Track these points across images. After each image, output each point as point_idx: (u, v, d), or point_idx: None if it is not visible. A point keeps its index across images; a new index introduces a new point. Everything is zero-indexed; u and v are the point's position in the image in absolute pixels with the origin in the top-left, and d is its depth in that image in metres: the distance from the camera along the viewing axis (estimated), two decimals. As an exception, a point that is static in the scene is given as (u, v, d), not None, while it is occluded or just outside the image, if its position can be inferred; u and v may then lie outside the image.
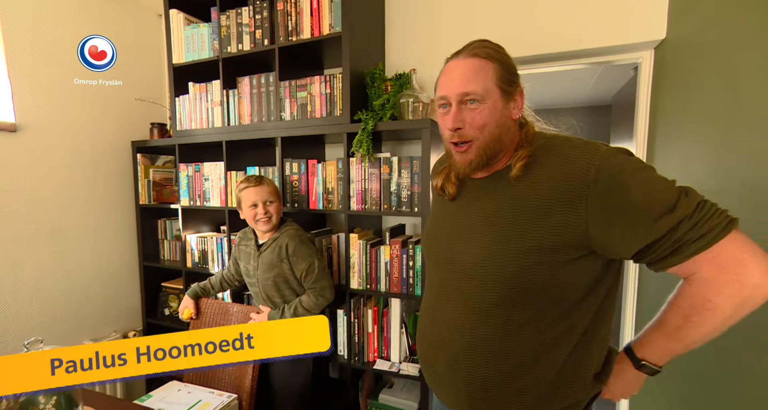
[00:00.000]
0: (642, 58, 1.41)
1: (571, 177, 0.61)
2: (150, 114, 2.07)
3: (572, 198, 0.60)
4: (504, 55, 0.68)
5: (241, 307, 1.50)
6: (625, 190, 0.58)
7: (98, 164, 1.88)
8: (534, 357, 0.65)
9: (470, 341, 0.68)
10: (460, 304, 0.70)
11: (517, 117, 0.70)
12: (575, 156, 0.62)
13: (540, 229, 0.62)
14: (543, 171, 0.64)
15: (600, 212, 0.59)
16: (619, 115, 2.14)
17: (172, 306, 2.01)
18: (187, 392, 1.27)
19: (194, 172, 1.81)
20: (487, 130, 0.67)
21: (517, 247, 0.63)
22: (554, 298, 0.64)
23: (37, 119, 1.64)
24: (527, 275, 0.63)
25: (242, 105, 1.67)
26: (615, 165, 0.59)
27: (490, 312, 0.66)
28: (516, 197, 0.66)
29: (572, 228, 0.60)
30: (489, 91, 0.66)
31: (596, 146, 0.63)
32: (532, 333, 0.65)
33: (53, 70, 1.68)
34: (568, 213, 0.60)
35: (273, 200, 1.36)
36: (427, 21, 1.63)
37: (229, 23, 1.64)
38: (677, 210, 0.56)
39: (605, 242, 0.60)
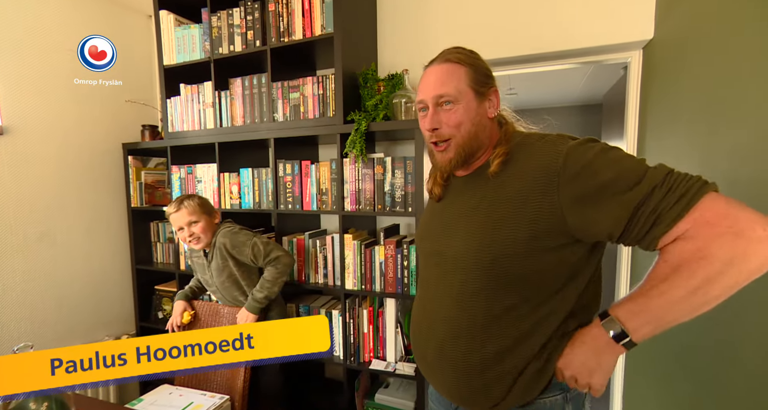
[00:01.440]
0: (631, 57, 1.43)
1: (541, 167, 0.64)
2: (141, 116, 2.05)
3: (544, 186, 0.63)
4: (476, 59, 0.74)
5: (232, 309, 1.50)
6: (593, 171, 0.60)
7: (88, 167, 1.86)
8: (514, 342, 0.67)
9: (454, 329, 0.71)
10: (446, 295, 0.74)
11: (493, 115, 0.74)
12: (546, 148, 0.66)
13: (516, 219, 0.65)
14: (518, 165, 0.68)
15: (572, 196, 0.61)
16: (609, 114, 2.17)
17: (165, 309, 1.99)
18: (178, 395, 1.26)
19: (187, 174, 1.80)
20: (464, 128, 0.72)
21: (495, 237, 0.66)
22: (533, 286, 0.66)
23: (25, 122, 1.62)
24: (505, 263, 0.65)
25: (234, 106, 1.66)
26: (582, 151, 0.63)
27: (471, 300, 0.69)
28: (494, 190, 0.70)
29: (547, 215, 0.63)
30: (462, 92, 0.71)
31: (565, 139, 0.67)
32: (512, 321, 0.67)
33: (42, 73, 1.66)
34: (541, 201, 0.63)
35: (196, 220, 1.37)
36: (419, 22, 1.63)
37: (220, 24, 1.63)
38: (645, 179, 0.57)
39: (583, 225, 0.61)
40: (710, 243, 0.54)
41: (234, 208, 1.69)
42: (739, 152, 0.82)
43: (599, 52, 1.46)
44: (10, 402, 0.74)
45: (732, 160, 0.84)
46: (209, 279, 1.49)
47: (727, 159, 0.86)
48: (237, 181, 1.67)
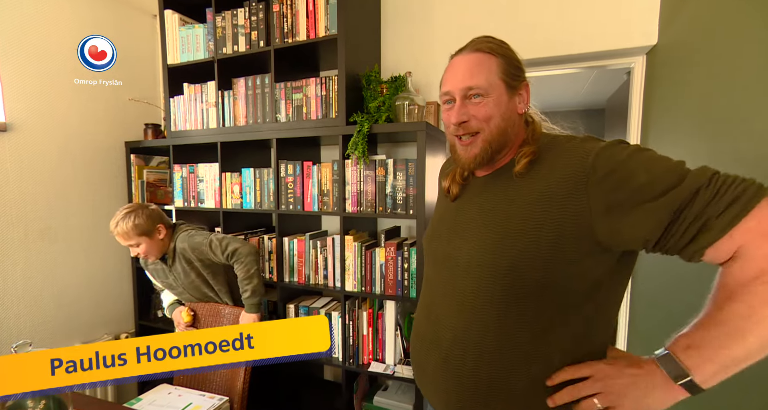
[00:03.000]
0: (634, 63, 1.43)
1: (568, 167, 0.59)
2: (144, 114, 2.06)
3: (571, 188, 0.58)
4: (508, 50, 0.69)
5: (232, 309, 1.50)
6: (626, 172, 0.54)
7: (91, 165, 1.86)
8: (527, 358, 0.61)
9: (462, 339, 0.65)
10: (454, 302, 0.68)
11: (523, 111, 0.70)
12: (574, 148, 0.61)
13: (539, 223, 0.59)
14: (543, 167, 0.63)
15: (602, 200, 0.55)
16: (612, 119, 2.16)
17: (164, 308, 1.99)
18: (177, 395, 1.26)
19: (189, 173, 1.80)
20: (493, 122, 0.67)
21: (513, 242, 0.61)
22: (551, 298, 0.60)
23: (29, 119, 1.63)
24: (522, 271, 0.60)
25: (237, 106, 1.66)
26: (613, 151, 0.57)
27: (483, 309, 0.63)
28: (516, 192, 0.64)
29: (573, 220, 0.57)
30: (493, 84, 0.66)
31: (596, 140, 0.62)
32: (526, 334, 0.61)
33: (45, 70, 1.67)
34: (568, 204, 0.57)
35: (134, 244, 1.36)
36: (422, 24, 1.64)
37: (224, 24, 1.63)
38: (688, 180, 0.51)
39: (613, 231, 0.55)
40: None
41: (235, 208, 1.69)
42: (743, 158, 0.82)
43: (603, 57, 1.46)
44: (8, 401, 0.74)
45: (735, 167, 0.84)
46: (173, 283, 1.50)
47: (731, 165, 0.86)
48: (239, 180, 1.68)
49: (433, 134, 1.42)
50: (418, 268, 1.37)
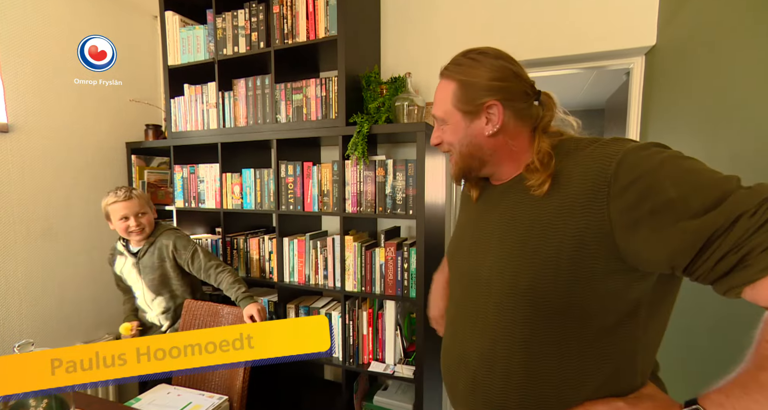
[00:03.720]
0: (633, 63, 1.44)
1: (589, 174, 0.53)
2: (145, 115, 2.07)
3: (591, 198, 0.52)
4: (470, 70, 0.64)
5: (231, 309, 1.50)
6: (655, 182, 0.47)
7: (92, 165, 1.87)
8: (557, 383, 0.57)
9: (488, 362, 0.62)
10: (478, 321, 0.65)
11: (490, 132, 0.64)
12: (596, 152, 0.55)
13: (557, 238, 0.54)
14: (561, 176, 0.58)
15: (623, 211, 0.49)
16: (612, 119, 2.17)
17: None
18: (176, 394, 1.26)
19: (189, 173, 1.80)
20: (456, 148, 0.69)
21: (532, 258, 0.56)
22: (579, 319, 0.54)
23: (30, 120, 1.63)
24: (544, 290, 0.55)
25: (238, 107, 1.67)
26: (642, 156, 0.50)
27: (507, 330, 0.60)
28: (532, 204, 0.60)
29: (593, 234, 0.51)
30: (447, 112, 0.67)
31: (622, 142, 0.54)
32: (555, 359, 0.56)
33: (47, 71, 1.67)
34: (588, 217, 0.52)
35: (145, 212, 1.45)
36: (422, 25, 1.64)
37: (224, 25, 1.64)
38: (730, 202, 0.43)
39: (634, 249, 0.49)
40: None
41: (236, 208, 1.70)
42: (742, 158, 0.82)
43: (602, 58, 1.47)
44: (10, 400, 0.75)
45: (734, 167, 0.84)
46: (134, 277, 1.51)
47: (730, 165, 0.86)
48: (239, 181, 1.68)
49: (433, 135, 1.43)
50: (417, 268, 1.37)
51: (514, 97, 0.63)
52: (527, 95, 0.64)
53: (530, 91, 0.65)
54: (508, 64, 0.64)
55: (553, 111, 0.65)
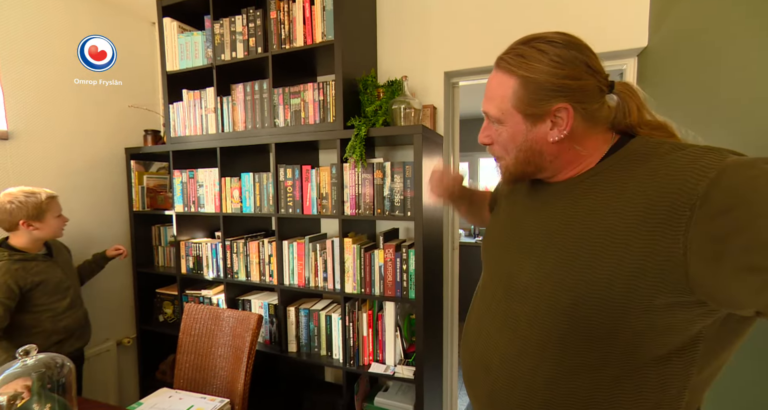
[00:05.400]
0: (626, 64, 1.46)
1: (669, 191, 0.44)
2: (144, 121, 2.08)
3: (666, 219, 0.44)
4: (536, 65, 0.54)
5: (232, 313, 1.51)
6: (755, 215, 0.39)
7: (92, 171, 1.88)
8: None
9: (511, 375, 0.57)
10: (507, 326, 0.59)
11: (556, 139, 0.56)
12: (682, 164, 0.45)
13: (614, 258, 0.47)
14: (632, 183, 0.49)
15: (707, 242, 0.41)
16: (607, 120, 2.20)
17: (166, 313, 2.00)
18: (178, 398, 1.27)
19: (188, 178, 1.81)
20: (512, 154, 0.59)
21: (581, 276, 0.50)
22: (624, 348, 0.48)
23: (30, 126, 1.65)
24: (588, 310, 0.49)
25: (236, 112, 1.68)
26: (746, 177, 0.40)
27: (538, 344, 0.54)
28: (590, 212, 0.52)
29: (659, 262, 0.44)
30: (506, 113, 0.57)
31: (719, 153, 0.44)
32: (586, 385, 0.50)
33: (46, 78, 1.69)
34: (655, 240, 0.44)
35: None
36: (418, 28, 1.66)
37: (222, 31, 1.66)
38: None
39: (709, 286, 0.42)
40: None
41: (235, 212, 1.71)
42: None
43: (595, 59, 1.49)
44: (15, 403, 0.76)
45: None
46: (65, 280, 1.44)
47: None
48: (238, 185, 1.69)
49: (430, 137, 1.44)
50: (416, 269, 1.38)
51: (587, 97, 0.54)
52: (601, 91, 0.55)
53: (604, 86, 0.55)
54: (581, 54, 0.53)
55: (634, 102, 0.56)
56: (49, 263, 1.42)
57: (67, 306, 1.44)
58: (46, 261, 1.41)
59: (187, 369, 1.52)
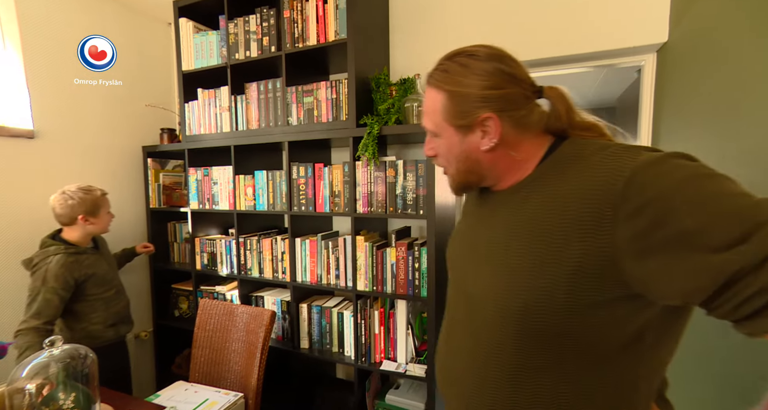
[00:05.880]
0: (645, 61, 1.42)
1: (592, 191, 0.47)
2: (160, 119, 2.12)
3: (595, 219, 0.46)
4: (461, 78, 0.57)
5: (246, 308, 1.53)
6: (668, 210, 0.41)
7: (111, 169, 1.93)
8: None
9: (477, 381, 0.59)
10: (470, 336, 0.61)
11: (487, 147, 0.58)
12: (602, 164, 0.48)
13: (555, 262, 0.49)
14: (564, 185, 0.51)
15: (631, 240, 0.43)
16: (623, 118, 2.15)
17: (182, 308, 2.04)
18: (194, 391, 1.30)
19: (203, 176, 1.84)
20: (453, 165, 0.63)
21: (528, 281, 0.52)
22: (577, 346, 0.50)
23: (54, 126, 1.70)
24: (538, 315, 0.51)
25: (250, 110, 1.70)
26: (655, 174, 0.43)
27: (498, 352, 0.56)
28: (531, 218, 0.54)
29: (595, 258, 0.46)
30: (439, 126, 0.61)
31: (634, 152, 0.47)
32: (548, 384, 0.53)
33: (69, 80, 1.74)
34: (589, 241, 0.46)
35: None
36: (431, 27, 1.65)
37: (236, 31, 1.67)
38: (757, 238, 0.37)
39: (641, 280, 0.44)
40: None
41: (249, 210, 1.73)
42: (756, 156, 0.81)
43: (613, 56, 1.46)
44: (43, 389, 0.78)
45: (748, 165, 0.84)
46: (111, 274, 1.53)
47: (743, 163, 0.86)
48: (252, 183, 1.71)
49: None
50: (428, 268, 1.38)
51: (512, 105, 0.56)
52: (527, 99, 0.57)
53: (530, 93, 0.57)
54: (502, 65, 0.56)
55: (563, 105, 0.58)
56: (97, 256, 1.51)
57: (114, 295, 1.55)
58: (94, 254, 1.50)
59: (202, 363, 1.55)
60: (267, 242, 1.71)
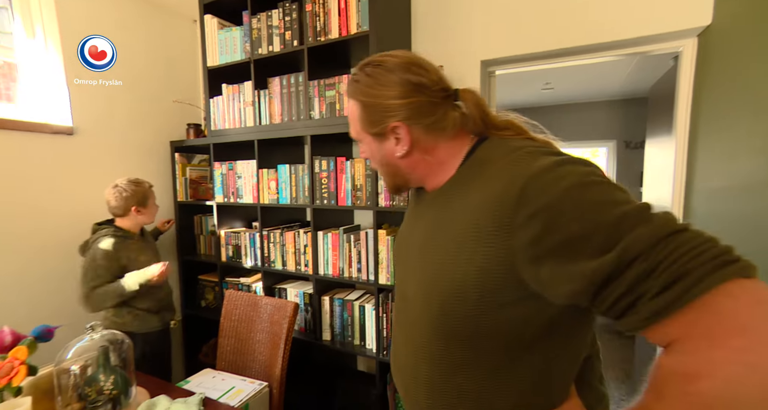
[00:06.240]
0: (683, 46, 1.35)
1: (494, 198, 0.49)
2: (186, 115, 2.18)
3: (496, 226, 0.48)
4: (366, 89, 0.59)
5: (270, 300, 1.56)
6: (555, 217, 0.43)
7: (141, 163, 2.00)
8: (476, 401, 0.56)
9: (415, 377, 0.62)
10: (406, 336, 0.65)
11: (400, 154, 0.60)
12: (504, 171, 0.50)
13: (465, 263, 0.51)
14: (476, 189, 0.53)
15: (526, 247, 0.45)
16: (656, 108, 2.04)
17: (208, 298, 2.11)
18: (221, 379, 1.34)
19: (228, 170, 1.88)
20: (379, 169, 0.67)
21: (444, 284, 0.54)
22: (492, 343, 0.53)
23: (89, 123, 1.78)
24: (453, 315, 0.53)
25: (273, 104, 1.72)
26: (545, 182, 0.45)
27: (426, 349, 0.59)
28: (450, 219, 0.56)
29: (498, 261, 0.48)
30: (359, 134, 0.64)
31: (534, 158, 0.49)
32: (471, 379, 0.55)
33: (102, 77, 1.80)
34: (492, 245, 0.48)
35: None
36: (454, 17, 1.61)
37: (259, 26, 1.69)
38: (625, 245, 0.39)
39: (537, 284, 0.47)
40: (708, 371, 0.35)
41: (272, 203, 1.76)
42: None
43: (648, 42, 1.38)
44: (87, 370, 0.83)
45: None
46: (152, 260, 1.59)
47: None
48: (275, 176, 1.74)
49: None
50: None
51: (420, 112, 0.57)
52: (435, 105, 0.58)
53: (439, 100, 0.58)
54: (409, 75, 0.57)
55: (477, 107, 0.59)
56: (144, 243, 1.63)
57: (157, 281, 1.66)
58: (141, 241, 1.62)
59: (228, 352, 1.60)
60: (290, 235, 1.73)
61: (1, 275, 1.52)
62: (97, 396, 0.84)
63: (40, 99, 1.66)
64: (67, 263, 1.70)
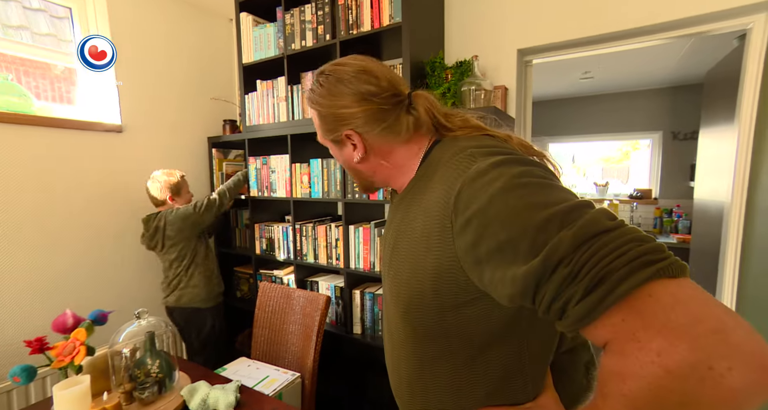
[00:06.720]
0: (753, 22, 1.21)
1: (437, 204, 0.50)
2: (222, 111, 2.25)
3: (441, 230, 0.49)
4: (319, 99, 0.61)
5: (302, 293, 1.58)
6: (485, 223, 0.43)
7: (182, 158, 2.09)
8: (452, 394, 0.57)
9: (397, 372, 0.65)
10: (388, 333, 0.67)
11: (357, 159, 0.62)
12: (447, 175, 0.51)
13: (422, 266, 0.52)
14: (428, 191, 0.54)
15: (467, 251, 0.46)
16: (714, 95, 1.87)
17: (243, 290, 2.18)
18: (255, 367, 1.38)
19: (262, 164, 1.93)
20: (347, 171, 0.69)
21: (406, 285, 0.55)
22: (459, 338, 0.54)
23: (137, 121, 1.88)
24: (417, 315, 0.55)
25: (305, 99, 1.73)
26: (476, 188, 0.45)
27: (403, 345, 0.61)
28: (410, 221, 0.57)
29: (448, 266, 0.49)
30: (323, 139, 0.67)
31: (472, 160, 0.49)
32: (445, 372, 0.57)
33: (150, 78, 1.91)
34: (441, 248, 0.49)
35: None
36: (489, 3, 1.55)
37: (293, 21, 1.70)
38: (550, 250, 0.38)
39: (482, 286, 0.47)
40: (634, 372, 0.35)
41: (304, 197, 1.78)
42: None
43: (707, 21, 1.26)
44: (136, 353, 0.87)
45: None
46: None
47: None
48: (307, 171, 1.76)
49: (501, 120, 1.35)
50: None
51: (371, 119, 0.59)
52: (386, 112, 0.59)
53: (389, 106, 0.59)
54: (358, 84, 0.58)
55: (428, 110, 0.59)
56: None
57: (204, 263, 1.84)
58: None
59: (262, 342, 1.64)
60: (322, 229, 1.75)
61: (61, 263, 1.64)
62: (145, 378, 0.89)
63: (94, 100, 1.78)
64: (118, 253, 1.82)
